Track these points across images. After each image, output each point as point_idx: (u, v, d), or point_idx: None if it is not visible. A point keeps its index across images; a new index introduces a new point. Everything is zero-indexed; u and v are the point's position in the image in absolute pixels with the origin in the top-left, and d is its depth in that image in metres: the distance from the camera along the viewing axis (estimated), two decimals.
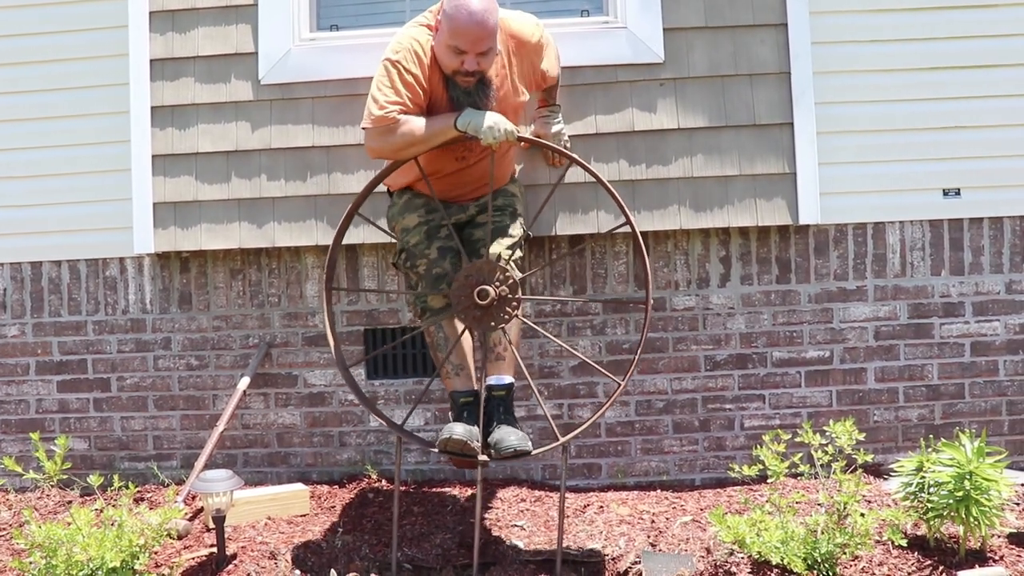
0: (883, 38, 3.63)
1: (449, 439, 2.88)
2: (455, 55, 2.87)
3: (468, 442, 2.88)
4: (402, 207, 3.19)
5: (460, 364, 3.09)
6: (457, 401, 3.07)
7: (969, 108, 3.65)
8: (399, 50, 2.95)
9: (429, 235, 3.11)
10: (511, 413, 3.04)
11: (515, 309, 2.94)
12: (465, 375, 3.10)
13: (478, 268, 2.92)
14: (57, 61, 3.80)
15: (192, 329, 3.86)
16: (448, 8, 2.86)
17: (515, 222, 3.17)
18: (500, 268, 2.92)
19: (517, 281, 2.94)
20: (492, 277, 2.91)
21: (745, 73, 3.62)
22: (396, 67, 2.92)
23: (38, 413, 3.91)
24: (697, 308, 3.74)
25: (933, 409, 3.72)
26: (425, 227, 3.12)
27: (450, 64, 2.91)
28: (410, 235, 3.13)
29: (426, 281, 3.08)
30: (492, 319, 2.93)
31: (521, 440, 2.90)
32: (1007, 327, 3.71)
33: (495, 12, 2.89)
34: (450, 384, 3.11)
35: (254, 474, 3.83)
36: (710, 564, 2.87)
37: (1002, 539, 2.94)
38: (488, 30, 2.85)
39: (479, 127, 2.88)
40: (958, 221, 3.71)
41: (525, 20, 3.14)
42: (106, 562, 2.69)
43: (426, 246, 3.09)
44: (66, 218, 3.86)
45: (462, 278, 2.92)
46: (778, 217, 3.62)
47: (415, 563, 3.11)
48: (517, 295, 2.93)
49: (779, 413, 3.73)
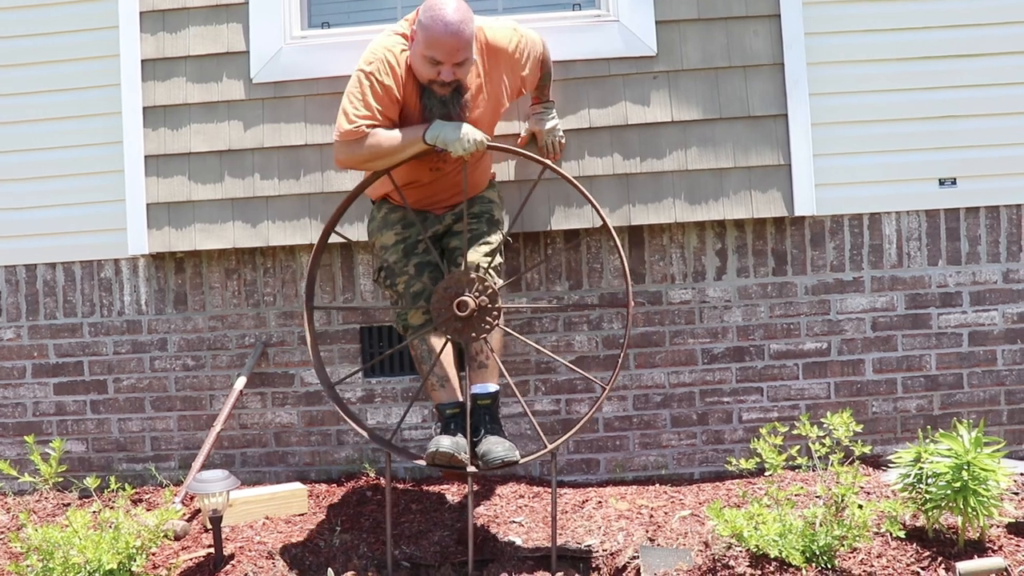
0: (876, 27, 3.62)
1: (436, 452, 2.89)
2: (431, 65, 2.87)
3: (455, 454, 2.89)
4: (380, 224, 3.19)
5: (444, 376, 3.09)
6: (443, 413, 3.08)
7: (965, 97, 3.63)
8: (372, 60, 2.93)
9: (407, 252, 3.11)
10: (497, 422, 3.04)
11: (496, 319, 2.94)
12: (449, 387, 3.10)
13: (456, 279, 2.93)
14: (47, 63, 3.78)
15: (188, 330, 3.85)
16: (424, 19, 2.84)
17: (493, 229, 3.17)
18: (479, 278, 2.91)
19: (496, 290, 2.93)
20: (471, 287, 2.91)
21: (739, 65, 3.60)
22: (369, 79, 2.91)
23: (35, 416, 3.91)
24: (694, 301, 3.73)
25: (931, 400, 3.71)
26: (403, 245, 3.12)
27: (426, 74, 2.90)
28: (388, 253, 3.13)
29: (405, 299, 3.09)
30: (473, 329, 2.93)
31: (508, 450, 2.91)
32: (1005, 316, 3.70)
33: (471, 22, 2.88)
34: (435, 396, 3.11)
35: (252, 474, 3.82)
36: (708, 558, 2.86)
37: (1001, 529, 2.93)
38: (464, 40, 2.84)
39: (448, 139, 2.88)
40: (954, 211, 3.70)
41: (501, 29, 3.11)
42: (103, 564, 2.68)
43: (404, 264, 3.09)
44: (60, 220, 3.85)
45: (441, 290, 2.93)
46: (774, 209, 3.61)
47: (413, 560, 3.10)
48: (497, 304, 2.93)
49: (777, 406, 3.72)
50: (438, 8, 2.82)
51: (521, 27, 3.20)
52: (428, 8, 2.86)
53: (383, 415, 3.80)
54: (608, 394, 2.98)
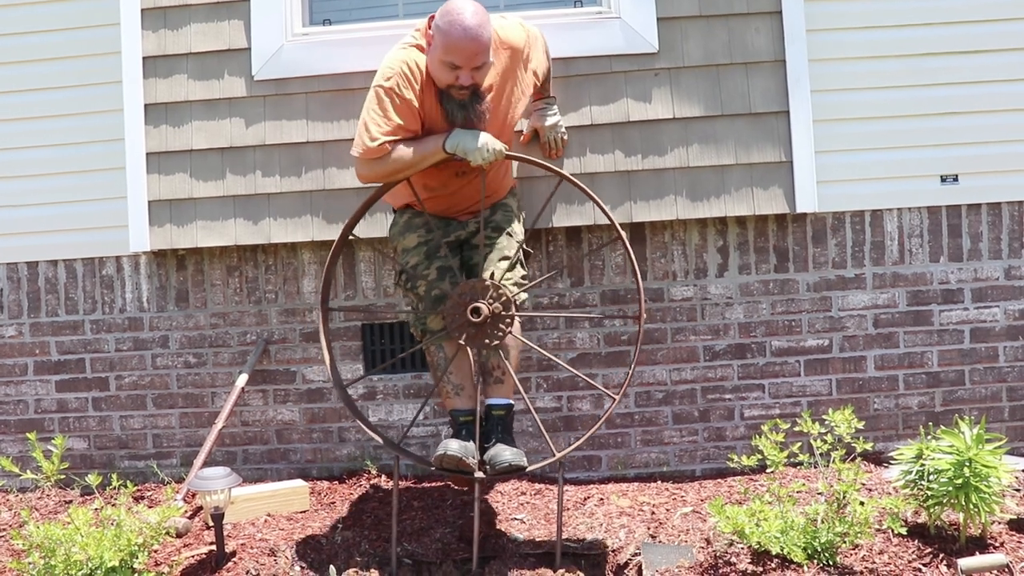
0: (878, 24, 3.61)
1: (444, 455, 2.87)
2: (450, 70, 2.85)
3: (464, 459, 2.87)
4: (403, 228, 3.17)
5: (460, 384, 3.08)
6: (457, 419, 3.06)
7: (966, 94, 3.63)
8: (390, 76, 2.91)
9: (429, 255, 3.09)
10: (509, 433, 3.04)
11: (509, 326, 2.94)
12: (466, 395, 3.08)
13: (471, 286, 2.93)
14: (49, 60, 3.79)
15: (190, 327, 3.85)
16: (442, 24, 2.82)
17: (511, 242, 3.14)
18: (493, 285, 2.91)
19: (511, 298, 2.93)
20: (485, 294, 2.91)
21: (740, 62, 3.60)
22: (389, 95, 2.90)
23: (37, 413, 3.91)
24: (695, 298, 3.73)
25: (933, 396, 3.71)
26: (425, 247, 3.10)
27: (445, 79, 2.88)
28: (410, 255, 3.11)
29: (426, 302, 3.06)
30: (487, 336, 2.93)
31: (516, 455, 2.90)
32: (1006, 313, 3.70)
33: (488, 25, 2.86)
34: (450, 403, 3.09)
35: (254, 471, 3.83)
36: (710, 555, 2.86)
37: (1002, 526, 2.93)
38: (483, 45, 2.83)
39: (467, 149, 2.88)
40: (956, 207, 3.69)
41: (512, 27, 3.10)
42: (105, 561, 2.68)
43: (426, 267, 3.07)
44: (62, 217, 3.85)
45: (456, 296, 2.93)
46: (775, 206, 3.61)
47: (415, 558, 3.10)
48: (511, 311, 2.93)
49: (779, 402, 3.72)
50: (456, 13, 2.80)
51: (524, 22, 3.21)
52: (446, 13, 2.83)
53: (384, 412, 3.80)
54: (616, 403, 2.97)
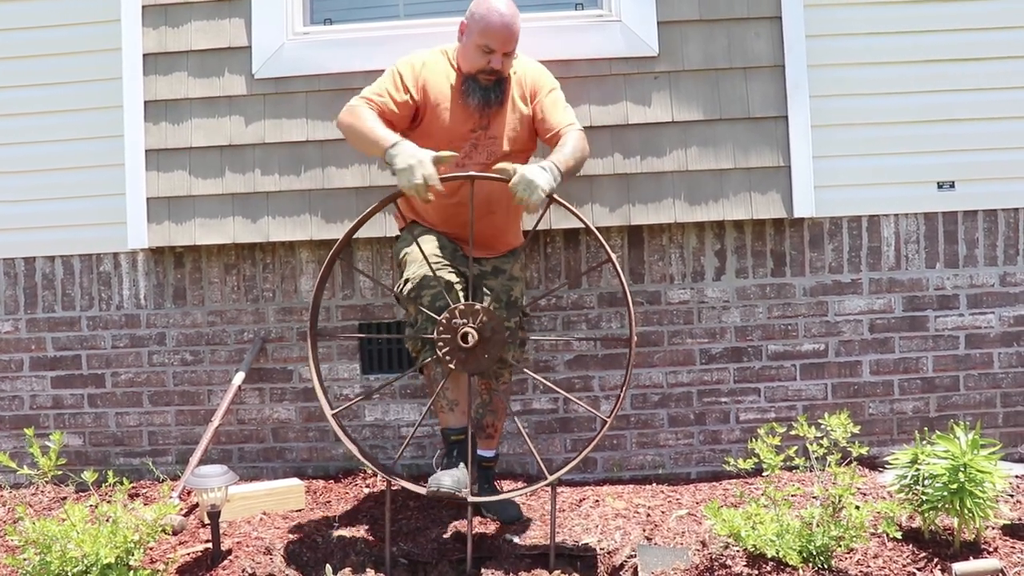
0: (878, 31, 3.63)
1: (438, 491, 2.93)
2: (483, 54, 3.06)
3: (456, 492, 2.93)
4: (411, 239, 3.14)
5: (455, 400, 3.09)
6: (448, 438, 3.10)
7: (964, 101, 3.65)
8: (405, 61, 3.18)
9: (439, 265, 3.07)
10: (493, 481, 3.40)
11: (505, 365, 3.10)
12: (459, 411, 3.09)
13: (463, 311, 2.91)
14: (48, 56, 3.78)
15: (187, 324, 3.85)
16: (479, 11, 3.08)
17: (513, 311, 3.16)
18: (484, 310, 2.91)
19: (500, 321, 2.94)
20: (475, 319, 2.90)
21: (739, 66, 3.61)
22: (393, 71, 3.15)
23: (32, 409, 3.90)
24: (692, 301, 3.74)
25: (928, 402, 3.73)
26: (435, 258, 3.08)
27: (477, 63, 3.07)
28: (420, 266, 3.06)
29: (430, 311, 3.01)
30: (477, 362, 2.93)
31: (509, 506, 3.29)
32: (1002, 319, 3.72)
33: (519, 18, 3.12)
34: (444, 419, 3.12)
35: (249, 469, 3.82)
36: (705, 557, 2.87)
37: (996, 531, 2.95)
38: (515, 32, 3.09)
39: (396, 166, 2.88)
40: (952, 214, 3.71)
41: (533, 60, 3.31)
42: (101, 558, 2.67)
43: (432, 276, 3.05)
44: (60, 213, 3.84)
45: (446, 321, 2.91)
46: (773, 210, 3.62)
47: (411, 557, 3.10)
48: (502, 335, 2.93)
49: (774, 406, 3.73)
50: (494, 2, 3.08)
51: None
52: (482, 2, 3.09)
53: (380, 412, 3.80)
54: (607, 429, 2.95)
